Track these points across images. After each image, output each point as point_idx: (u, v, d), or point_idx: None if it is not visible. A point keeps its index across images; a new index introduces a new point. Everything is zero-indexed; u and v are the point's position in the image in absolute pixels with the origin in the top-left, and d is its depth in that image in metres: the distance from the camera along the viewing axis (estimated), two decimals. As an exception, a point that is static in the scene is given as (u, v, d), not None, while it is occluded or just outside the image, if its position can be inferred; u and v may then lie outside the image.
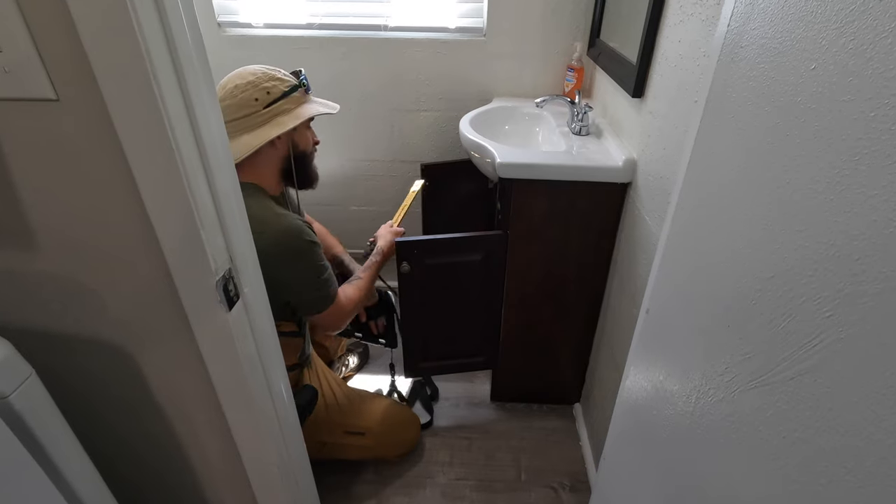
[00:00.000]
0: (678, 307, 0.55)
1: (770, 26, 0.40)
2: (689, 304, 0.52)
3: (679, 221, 0.57)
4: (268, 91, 1.04)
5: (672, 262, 0.58)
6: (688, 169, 0.54)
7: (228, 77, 1.06)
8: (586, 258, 1.34)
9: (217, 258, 0.64)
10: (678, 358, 0.54)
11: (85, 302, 0.68)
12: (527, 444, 1.53)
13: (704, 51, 0.83)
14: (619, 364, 1.24)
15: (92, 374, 0.76)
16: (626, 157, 1.17)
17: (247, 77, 1.04)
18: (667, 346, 0.58)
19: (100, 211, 0.61)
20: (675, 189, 0.62)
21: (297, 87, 1.09)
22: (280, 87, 1.06)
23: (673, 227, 0.58)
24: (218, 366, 0.72)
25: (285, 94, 1.07)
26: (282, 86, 1.06)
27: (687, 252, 0.54)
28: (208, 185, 0.61)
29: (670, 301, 0.58)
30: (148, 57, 0.50)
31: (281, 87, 1.06)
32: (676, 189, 0.59)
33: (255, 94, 1.03)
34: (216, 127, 0.62)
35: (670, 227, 0.58)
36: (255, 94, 1.03)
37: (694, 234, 0.53)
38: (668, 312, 0.58)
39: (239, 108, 1.03)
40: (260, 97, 1.04)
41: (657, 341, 0.62)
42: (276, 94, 1.05)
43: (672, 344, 0.57)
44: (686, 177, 0.54)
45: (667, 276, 0.59)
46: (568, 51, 1.64)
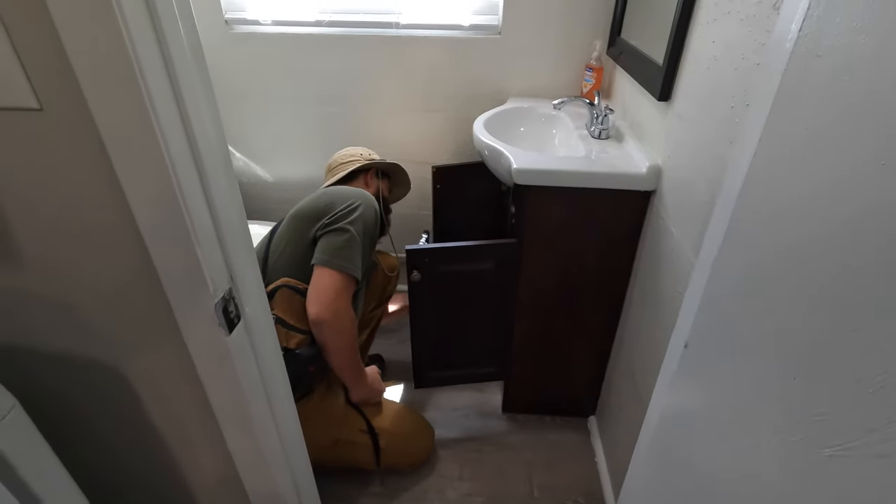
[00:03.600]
0: (727, 347, 0.49)
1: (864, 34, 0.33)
2: (743, 346, 0.46)
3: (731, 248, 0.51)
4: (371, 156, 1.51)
5: (719, 292, 0.52)
6: (742, 189, 0.48)
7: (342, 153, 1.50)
8: (604, 268, 1.27)
9: (216, 278, 0.59)
10: (726, 405, 0.48)
11: (73, 321, 0.64)
12: (540, 458, 1.48)
13: (743, 53, 0.77)
14: (638, 380, 1.18)
15: (85, 394, 0.72)
16: (651, 164, 1.11)
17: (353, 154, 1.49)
18: (711, 387, 0.52)
19: (87, 226, 0.56)
20: (718, 207, 0.56)
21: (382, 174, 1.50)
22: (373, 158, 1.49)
23: (721, 253, 0.52)
24: (217, 390, 0.68)
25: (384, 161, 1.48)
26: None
27: (741, 285, 0.48)
28: (205, 200, 0.56)
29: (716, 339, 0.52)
30: (137, 64, 0.45)
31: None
32: (723, 208, 0.53)
33: (360, 151, 1.50)
34: (214, 136, 0.57)
35: (717, 252, 0.52)
36: (361, 152, 1.49)
37: (753, 264, 0.46)
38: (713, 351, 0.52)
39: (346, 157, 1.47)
40: (364, 154, 1.49)
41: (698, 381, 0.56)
42: (378, 159, 1.49)
43: (719, 386, 0.51)
44: (740, 198, 0.48)
45: (711, 308, 0.53)
46: (587, 49, 1.57)
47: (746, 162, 0.50)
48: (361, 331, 1.56)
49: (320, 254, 1.15)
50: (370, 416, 1.30)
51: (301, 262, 1.16)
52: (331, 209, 1.18)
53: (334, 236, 1.15)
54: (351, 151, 1.49)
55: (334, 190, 1.25)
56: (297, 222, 1.20)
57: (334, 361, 1.19)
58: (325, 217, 1.17)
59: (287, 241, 1.19)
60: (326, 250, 1.15)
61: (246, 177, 1.97)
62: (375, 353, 1.80)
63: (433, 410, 1.62)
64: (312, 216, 1.18)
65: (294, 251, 1.18)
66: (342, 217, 1.17)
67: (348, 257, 1.15)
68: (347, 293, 1.16)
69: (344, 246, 1.15)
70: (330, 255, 1.14)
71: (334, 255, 1.14)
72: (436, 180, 1.72)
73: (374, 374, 1.36)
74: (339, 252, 1.14)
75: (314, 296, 1.13)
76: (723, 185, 0.57)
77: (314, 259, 1.15)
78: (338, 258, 1.14)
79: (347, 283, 1.15)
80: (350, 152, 1.49)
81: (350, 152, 1.49)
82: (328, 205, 1.19)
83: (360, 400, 1.30)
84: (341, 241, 1.15)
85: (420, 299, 1.35)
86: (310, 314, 1.13)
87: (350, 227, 1.16)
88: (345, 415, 1.26)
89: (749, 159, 0.49)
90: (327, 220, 1.17)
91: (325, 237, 1.16)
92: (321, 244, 1.16)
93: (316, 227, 1.17)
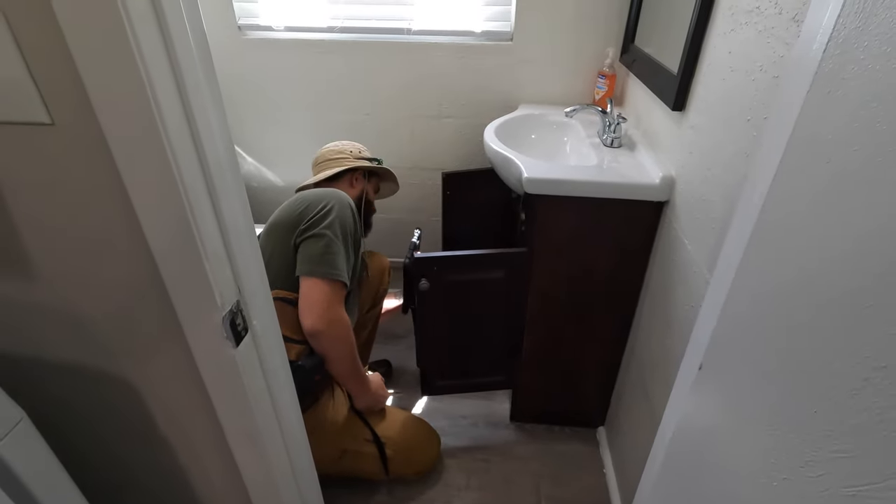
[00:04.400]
0: (745, 373, 0.47)
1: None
2: (762, 373, 0.44)
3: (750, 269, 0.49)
4: (360, 153, 1.46)
5: (737, 315, 0.50)
6: (761, 215, 0.46)
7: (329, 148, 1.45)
8: (615, 278, 1.26)
9: (224, 292, 0.59)
10: (742, 433, 0.47)
11: (81, 333, 0.64)
12: (548, 469, 1.46)
13: (762, 65, 0.75)
14: (650, 392, 1.17)
15: (93, 405, 0.72)
16: (664, 175, 1.09)
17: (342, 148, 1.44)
18: (727, 414, 0.50)
19: (96, 240, 0.56)
20: (735, 224, 0.54)
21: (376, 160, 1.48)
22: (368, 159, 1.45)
23: (739, 274, 0.50)
24: (224, 403, 0.68)
25: (373, 159, 1.46)
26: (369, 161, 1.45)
27: (760, 309, 0.46)
28: (214, 214, 0.56)
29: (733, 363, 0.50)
30: (147, 80, 0.45)
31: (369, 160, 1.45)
32: (742, 226, 0.51)
33: (350, 148, 1.45)
34: (223, 150, 0.57)
35: (734, 272, 0.51)
36: (350, 149, 1.44)
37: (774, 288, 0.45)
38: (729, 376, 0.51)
39: (333, 153, 1.42)
40: (353, 151, 1.44)
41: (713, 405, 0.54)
42: (367, 156, 1.45)
43: (735, 413, 0.49)
44: (761, 217, 0.46)
45: (728, 330, 0.51)
46: (599, 56, 1.56)
47: (767, 179, 0.48)
48: (358, 334, 1.55)
49: (303, 264, 1.13)
50: (374, 425, 1.29)
51: (288, 272, 1.14)
52: (305, 215, 1.16)
53: (313, 243, 1.13)
54: (339, 147, 1.43)
55: (307, 194, 1.22)
56: (276, 232, 1.18)
57: (336, 370, 1.19)
58: (301, 224, 1.15)
59: (271, 252, 1.16)
60: (308, 259, 1.12)
61: (257, 181, 1.98)
62: (383, 359, 1.80)
63: (440, 418, 1.61)
64: (289, 224, 1.16)
65: (280, 262, 1.15)
66: (317, 222, 1.15)
67: (331, 263, 1.13)
68: (339, 299, 1.14)
69: (324, 252, 1.12)
70: (313, 263, 1.12)
71: (317, 263, 1.12)
72: (445, 187, 1.71)
73: (378, 381, 1.35)
74: (321, 259, 1.12)
75: (305, 308, 1.11)
76: (740, 202, 0.56)
77: (298, 270, 1.13)
78: (321, 265, 1.12)
79: (336, 289, 1.13)
80: (339, 147, 1.43)
81: (339, 147, 1.43)
82: (302, 210, 1.16)
83: (365, 407, 1.29)
84: (321, 248, 1.13)
85: (428, 308, 1.34)
86: (304, 327, 1.11)
87: (326, 231, 1.14)
88: (350, 424, 1.26)
89: (770, 176, 0.48)
90: (304, 227, 1.14)
91: (304, 245, 1.14)
92: (301, 253, 1.13)
93: (295, 235, 1.15)
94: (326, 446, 1.20)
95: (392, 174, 1.50)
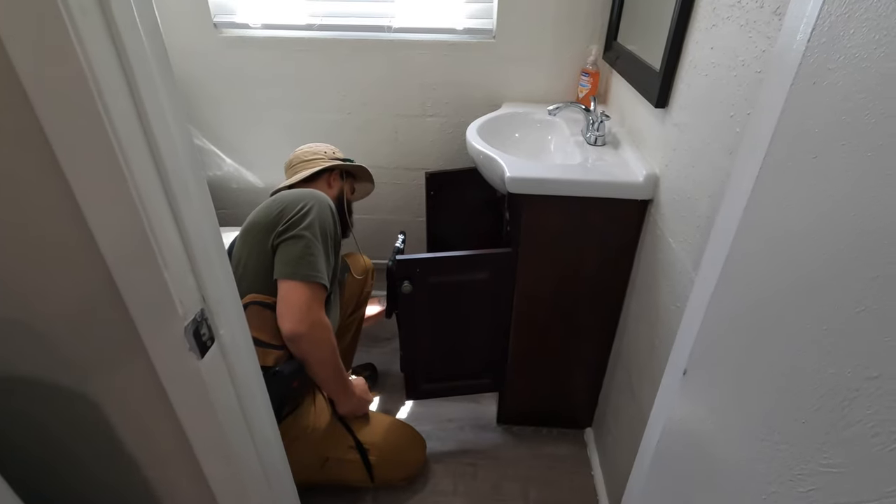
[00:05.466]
0: (730, 380, 0.45)
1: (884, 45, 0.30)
2: (748, 381, 0.42)
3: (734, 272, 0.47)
4: (335, 153, 1.42)
5: (720, 319, 0.48)
6: (745, 213, 0.44)
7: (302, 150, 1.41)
8: (601, 277, 1.24)
9: (185, 301, 0.56)
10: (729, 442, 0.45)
11: (34, 344, 0.60)
12: (535, 472, 1.44)
13: (743, 59, 0.74)
14: (637, 391, 1.15)
15: (54, 418, 0.68)
16: (648, 172, 1.07)
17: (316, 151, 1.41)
18: (713, 422, 0.49)
19: (43, 243, 0.53)
20: (718, 224, 0.52)
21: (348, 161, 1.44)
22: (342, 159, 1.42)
23: (723, 276, 0.48)
24: (191, 417, 0.64)
25: (346, 160, 1.42)
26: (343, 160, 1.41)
27: (745, 314, 0.44)
28: (174, 219, 0.53)
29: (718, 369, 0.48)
30: (90, 74, 0.41)
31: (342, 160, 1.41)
32: (723, 230, 0.49)
33: (323, 149, 1.41)
34: (182, 148, 0.53)
35: (718, 275, 0.49)
36: (324, 149, 1.41)
37: (759, 292, 0.43)
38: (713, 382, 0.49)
39: (307, 155, 1.38)
40: (328, 153, 1.40)
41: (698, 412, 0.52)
42: (340, 157, 1.42)
43: (720, 421, 0.47)
44: (743, 221, 0.44)
45: (712, 335, 0.50)
46: (583, 54, 1.54)
47: (751, 176, 0.46)
48: (342, 337, 1.52)
49: (281, 266, 1.09)
50: (357, 431, 1.26)
51: (266, 276, 1.11)
52: (283, 216, 1.12)
53: (291, 244, 1.10)
54: (314, 149, 1.40)
55: (285, 195, 1.18)
56: (253, 234, 1.14)
57: (317, 375, 1.16)
58: (279, 225, 1.12)
59: (247, 254, 1.13)
60: (287, 261, 1.09)
61: (237, 182, 1.93)
62: (368, 363, 1.76)
63: (426, 422, 1.58)
64: (267, 225, 1.12)
65: (257, 265, 1.12)
66: (296, 223, 1.11)
67: (311, 264, 1.09)
68: (319, 302, 1.11)
69: (304, 254, 1.09)
70: (292, 266, 1.08)
71: (296, 265, 1.08)
72: (429, 187, 1.69)
73: (362, 385, 1.32)
74: (300, 261, 1.09)
75: (284, 312, 1.08)
76: (723, 202, 0.54)
77: (276, 273, 1.09)
78: (300, 268, 1.08)
79: (316, 291, 1.10)
80: (312, 149, 1.40)
81: (312, 149, 1.40)
82: (280, 211, 1.13)
83: (348, 412, 1.26)
84: (299, 249, 1.09)
85: (411, 310, 1.31)
86: (283, 331, 1.07)
87: (305, 233, 1.10)
88: (333, 431, 1.22)
89: (754, 173, 0.46)
90: (282, 228, 1.11)
91: (282, 247, 1.10)
92: (280, 255, 1.10)
93: (272, 237, 1.11)
94: (308, 454, 1.17)
95: (368, 173, 1.48)
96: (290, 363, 1.11)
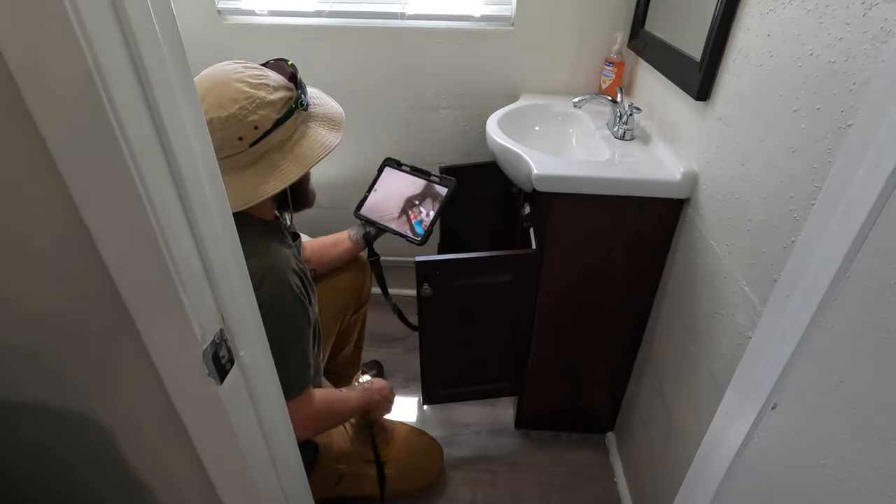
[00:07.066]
0: (843, 421, 0.39)
1: None
2: (874, 424, 0.36)
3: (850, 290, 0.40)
4: (255, 125, 0.80)
5: (833, 346, 0.42)
6: (868, 217, 0.37)
7: (202, 95, 0.79)
8: (630, 279, 1.18)
9: (204, 324, 0.50)
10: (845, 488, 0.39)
11: (40, 370, 0.54)
12: (557, 479, 1.39)
13: (811, 49, 0.67)
14: (668, 399, 1.10)
15: (61, 447, 0.63)
16: (686, 170, 1.01)
17: (227, 106, 0.79)
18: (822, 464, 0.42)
19: (46, 262, 0.46)
20: (806, 243, 0.46)
21: (291, 112, 0.85)
22: (271, 117, 0.82)
23: (832, 297, 0.42)
24: (210, 446, 0.58)
25: (278, 123, 0.83)
26: (273, 114, 0.82)
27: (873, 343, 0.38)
28: (192, 235, 0.47)
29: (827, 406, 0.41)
30: (98, 72, 0.35)
31: (272, 115, 0.82)
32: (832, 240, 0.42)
33: (238, 131, 0.79)
34: (200, 155, 0.47)
35: (822, 295, 0.42)
36: (240, 132, 0.80)
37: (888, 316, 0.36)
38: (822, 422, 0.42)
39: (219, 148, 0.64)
40: (245, 135, 0.80)
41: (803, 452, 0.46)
42: (266, 127, 0.81)
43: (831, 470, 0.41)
44: (858, 239, 0.38)
45: (817, 365, 0.43)
46: (607, 42, 1.47)
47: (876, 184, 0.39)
48: (345, 340, 1.42)
49: None
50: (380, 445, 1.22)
51: None
52: None
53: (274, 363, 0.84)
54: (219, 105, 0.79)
55: None
56: None
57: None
58: None
59: None
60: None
61: (242, 177, 1.86)
62: (373, 360, 1.70)
63: (442, 427, 1.53)
64: None
65: None
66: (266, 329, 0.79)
67: (297, 376, 0.91)
68: (311, 400, 0.97)
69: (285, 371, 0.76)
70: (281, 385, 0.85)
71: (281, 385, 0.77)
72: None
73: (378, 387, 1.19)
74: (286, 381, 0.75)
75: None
76: (816, 211, 0.47)
77: None
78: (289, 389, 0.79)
79: (307, 396, 0.95)
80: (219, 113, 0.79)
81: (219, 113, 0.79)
82: None
83: (379, 417, 1.23)
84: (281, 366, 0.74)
85: (430, 314, 1.25)
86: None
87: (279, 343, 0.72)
88: (350, 448, 1.17)
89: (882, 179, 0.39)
90: None
91: None
92: None
93: None
94: (324, 474, 1.12)
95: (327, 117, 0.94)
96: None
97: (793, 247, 0.69)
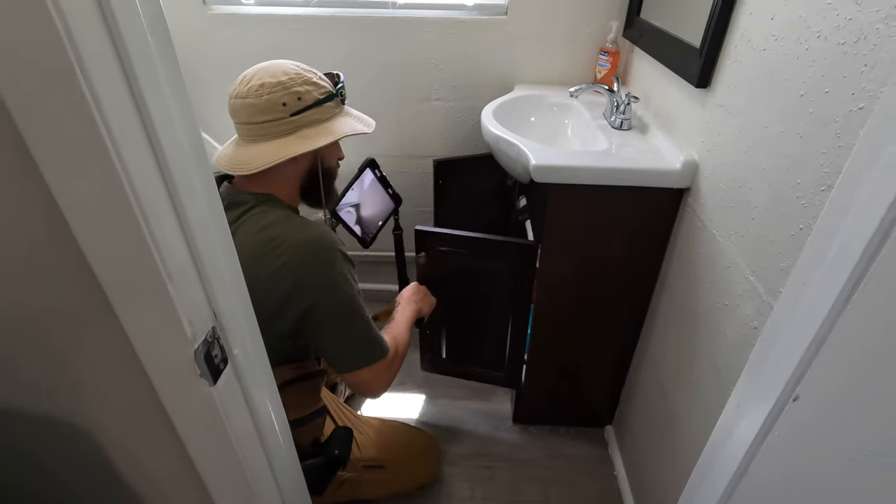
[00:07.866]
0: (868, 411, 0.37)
1: None
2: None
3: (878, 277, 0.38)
4: (299, 97, 0.87)
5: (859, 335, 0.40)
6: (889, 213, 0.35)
7: (255, 70, 0.88)
8: (629, 270, 1.17)
9: (194, 320, 0.47)
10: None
11: (16, 373, 0.51)
12: (556, 474, 1.38)
13: (819, 30, 0.65)
14: (669, 391, 1.09)
15: (43, 454, 0.59)
16: (686, 159, 0.99)
17: (278, 75, 0.86)
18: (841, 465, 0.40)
19: (19, 263, 0.43)
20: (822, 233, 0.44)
21: (332, 96, 0.93)
22: (314, 94, 0.89)
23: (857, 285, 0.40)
24: (202, 449, 0.55)
25: (318, 103, 0.90)
26: (316, 92, 0.90)
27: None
28: (178, 223, 0.44)
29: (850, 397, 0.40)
30: (71, 46, 0.32)
31: (315, 93, 0.89)
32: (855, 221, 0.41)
33: (283, 97, 0.86)
34: (187, 141, 0.44)
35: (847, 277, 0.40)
36: (284, 98, 0.86)
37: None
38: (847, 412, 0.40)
39: (262, 110, 0.86)
40: (289, 102, 0.86)
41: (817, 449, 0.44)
42: (309, 102, 0.88)
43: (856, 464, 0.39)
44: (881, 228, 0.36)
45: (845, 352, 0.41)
46: (601, 31, 1.45)
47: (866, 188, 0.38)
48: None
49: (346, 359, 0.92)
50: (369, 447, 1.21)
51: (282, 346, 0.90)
52: (302, 295, 0.86)
53: (342, 338, 0.91)
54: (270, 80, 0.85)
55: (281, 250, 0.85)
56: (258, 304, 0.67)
57: None
58: (297, 305, 0.86)
59: None
60: (348, 351, 0.92)
61: (230, 173, 1.82)
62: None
63: (438, 422, 1.51)
64: (276, 304, 0.85)
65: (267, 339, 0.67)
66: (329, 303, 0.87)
67: (373, 342, 0.94)
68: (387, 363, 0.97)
69: (364, 337, 0.92)
70: (357, 355, 0.92)
71: (360, 353, 0.92)
72: (437, 175, 1.59)
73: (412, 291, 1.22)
74: (364, 347, 0.93)
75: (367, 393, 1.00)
76: (833, 199, 0.46)
77: (337, 369, 0.94)
78: (366, 354, 0.93)
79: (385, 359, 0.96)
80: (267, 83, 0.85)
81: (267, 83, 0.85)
82: (293, 287, 0.85)
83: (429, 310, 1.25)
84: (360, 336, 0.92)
85: (427, 281, 1.27)
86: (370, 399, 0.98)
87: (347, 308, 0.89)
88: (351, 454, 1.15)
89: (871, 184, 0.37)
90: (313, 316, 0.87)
91: (324, 336, 0.90)
92: (330, 349, 0.91)
93: (292, 320, 0.87)
94: None
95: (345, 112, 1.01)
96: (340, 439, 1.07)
97: (801, 234, 0.67)
